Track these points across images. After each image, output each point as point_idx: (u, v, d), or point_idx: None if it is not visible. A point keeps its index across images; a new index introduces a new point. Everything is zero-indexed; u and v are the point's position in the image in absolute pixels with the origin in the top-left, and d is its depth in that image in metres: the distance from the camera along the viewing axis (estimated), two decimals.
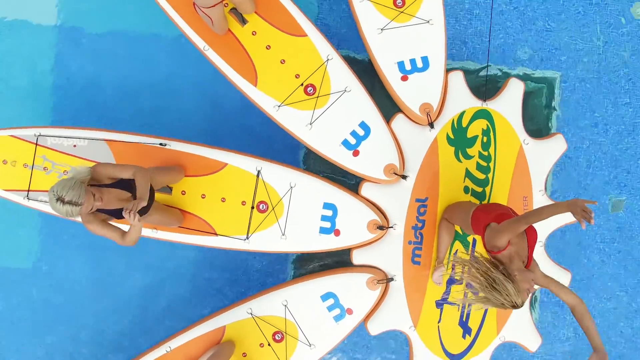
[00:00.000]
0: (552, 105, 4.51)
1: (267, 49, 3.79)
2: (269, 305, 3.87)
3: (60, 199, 2.53)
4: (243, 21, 3.78)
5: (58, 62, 4.57)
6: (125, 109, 4.56)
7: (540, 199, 3.90)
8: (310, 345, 3.86)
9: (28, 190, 3.75)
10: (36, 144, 3.74)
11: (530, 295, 2.86)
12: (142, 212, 3.16)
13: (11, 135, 3.76)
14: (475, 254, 2.98)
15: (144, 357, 3.84)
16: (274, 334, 3.86)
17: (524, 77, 4.45)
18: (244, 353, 3.87)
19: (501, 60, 4.52)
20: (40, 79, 4.56)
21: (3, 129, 3.79)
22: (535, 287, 3.08)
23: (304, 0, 4.45)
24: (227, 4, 3.70)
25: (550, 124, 4.49)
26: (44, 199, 3.71)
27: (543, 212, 2.60)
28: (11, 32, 4.56)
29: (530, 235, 2.96)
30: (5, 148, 3.76)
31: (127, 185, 3.01)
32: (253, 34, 3.80)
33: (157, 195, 3.66)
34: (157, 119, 4.53)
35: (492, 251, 2.80)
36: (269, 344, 3.87)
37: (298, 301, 3.86)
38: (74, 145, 3.73)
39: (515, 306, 2.54)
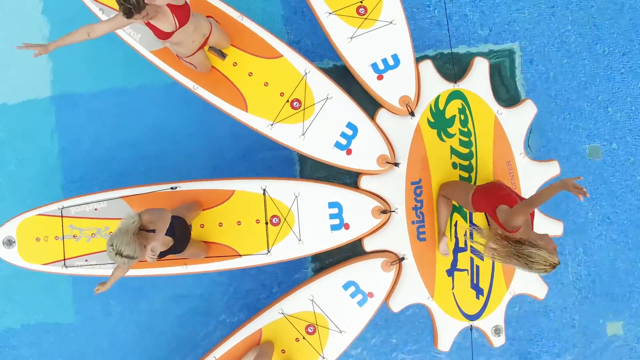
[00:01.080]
0: (517, 73, 4.87)
1: (250, 75, 4.12)
2: (297, 303, 4.23)
3: (119, 253, 2.84)
4: (223, 56, 4.10)
5: (60, 129, 4.88)
6: (129, 159, 4.87)
7: (522, 161, 4.29)
8: (341, 331, 4.22)
9: (64, 259, 4.08)
10: (62, 216, 4.07)
11: None
12: (180, 249, 3.49)
13: (38, 214, 4.10)
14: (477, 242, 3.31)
15: None
16: (306, 328, 4.22)
17: (487, 53, 4.83)
18: (282, 350, 4.23)
19: (462, 42, 4.87)
20: (46, 149, 4.87)
21: (29, 210, 4.12)
22: None
23: (272, 23, 4.80)
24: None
25: (518, 92, 4.83)
26: (79, 264, 4.07)
27: (543, 196, 2.88)
28: (12, 114, 4.87)
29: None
30: (35, 227, 4.09)
31: (170, 230, 3.31)
32: (234, 65, 4.12)
33: None
34: (161, 163, 4.85)
35: (512, 230, 3.08)
36: (303, 338, 4.23)
37: (322, 294, 4.22)
38: (95, 209, 4.07)
39: (556, 266, 2.80)
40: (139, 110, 4.86)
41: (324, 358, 4.23)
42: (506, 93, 4.80)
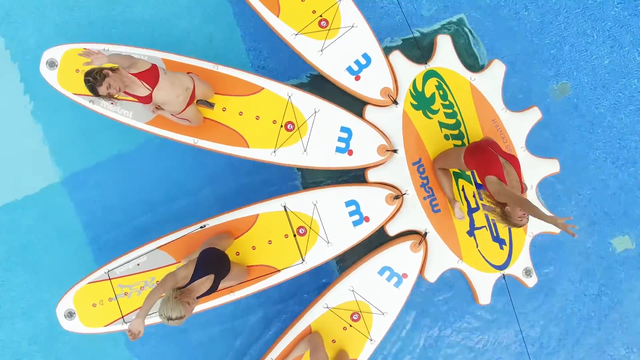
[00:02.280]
0: (472, 39, 5.21)
1: (240, 115, 4.48)
2: (339, 295, 4.56)
3: (169, 319, 3.20)
4: (210, 105, 4.46)
5: (77, 207, 5.18)
6: (146, 214, 5.17)
7: (505, 116, 4.65)
8: (383, 313, 4.55)
9: (122, 317, 4.42)
10: (110, 279, 4.42)
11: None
12: (223, 275, 3.81)
13: (88, 283, 4.44)
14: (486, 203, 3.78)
15: None
16: (351, 316, 4.56)
17: (441, 29, 5.18)
18: (333, 340, 4.56)
19: (418, 24, 5.23)
20: (70, 228, 5.16)
21: (79, 281, 4.46)
22: None
23: (239, 60, 5.17)
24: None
25: (483, 55, 5.18)
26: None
27: (534, 210, 3.41)
28: (30, 206, 5.18)
29: (515, 164, 3.76)
30: (89, 295, 4.44)
31: (207, 267, 3.63)
32: (224, 110, 4.49)
33: None
34: (175, 210, 5.15)
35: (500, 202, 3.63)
36: (350, 325, 4.57)
37: (361, 283, 4.57)
38: (138, 264, 4.42)
39: (517, 225, 3.55)
40: (141, 169, 5.17)
41: (372, 340, 4.56)
42: (472, 59, 5.15)
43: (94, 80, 3.35)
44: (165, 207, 5.16)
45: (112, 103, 3.66)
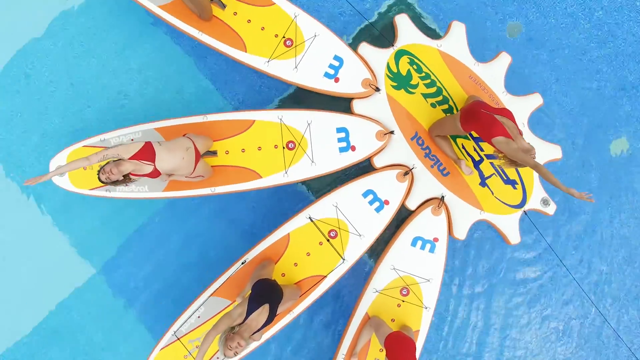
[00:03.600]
0: (419, 10, 5.52)
1: (249, 22, 4.80)
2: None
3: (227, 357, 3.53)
4: (223, 6, 4.76)
5: (118, 292, 5.44)
6: (187, 273, 5.46)
7: (479, 69, 4.93)
8: (428, 280, 4.86)
9: None
10: (178, 339, 4.71)
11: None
12: (278, 300, 4.09)
13: (160, 350, 4.72)
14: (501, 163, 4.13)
15: None
16: (400, 292, 4.88)
17: (390, 10, 5.47)
18: (392, 319, 4.87)
19: (370, 11, 5.49)
20: (119, 313, 5.44)
21: (151, 352, 4.73)
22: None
23: (210, 101, 5.43)
24: None
25: (438, 21, 5.47)
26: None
27: (549, 178, 3.81)
28: (76, 306, 5.45)
29: (509, 115, 4.09)
30: (165, 359, 4.72)
31: (260, 299, 3.87)
32: (235, 14, 4.79)
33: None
34: (206, 261, 5.43)
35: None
36: (402, 301, 4.89)
37: (401, 259, 4.87)
38: (198, 317, 4.71)
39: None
40: (164, 234, 5.43)
41: (426, 308, 4.89)
42: (429, 30, 5.43)
43: (100, 174, 3.68)
44: (200, 261, 5.45)
45: (126, 185, 3.91)
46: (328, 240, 4.77)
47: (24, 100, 5.41)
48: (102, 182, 3.70)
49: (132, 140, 4.63)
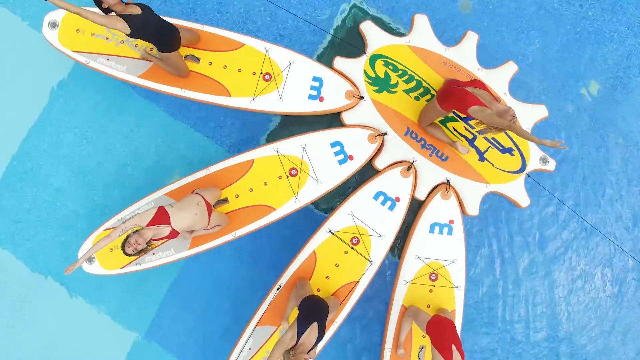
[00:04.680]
0: (375, 12, 5.79)
1: (225, 68, 5.03)
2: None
3: None
4: (197, 59, 5.01)
5: (168, 347, 5.77)
6: (227, 316, 5.78)
7: (450, 54, 5.14)
8: (453, 261, 5.10)
9: None
10: None
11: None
12: (324, 315, 4.33)
13: None
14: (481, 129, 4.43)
15: None
16: (429, 277, 5.12)
17: (347, 19, 5.75)
18: (427, 305, 5.12)
19: (328, 24, 5.79)
20: None
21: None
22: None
23: (216, 153, 5.72)
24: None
25: (395, 19, 5.72)
26: None
27: (522, 133, 4.14)
28: None
29: (479, 85, 4.34)
30: None
31: (310, 318, 4.12)
32: (210, 64, 5.04)
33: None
34: (240, 304, 5.74)
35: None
36: (433, 286, 5.14)
37: (420, 247, 5.11)
38: (249, 348, 4.99)
39: (511, 127, 4.16)
40: (194, 286, 5.76)
41: (457, 287, 5.13)
42: (392, 29, 5.68)
43: (123, 247, 3.91)
44: (235, 300, 5.76)
45: (153, 254, 4.15)
46: (352, 248, 5.03)
47: (32, 195, 5.71)
48: (130, 254, 3.93)
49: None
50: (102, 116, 5.76)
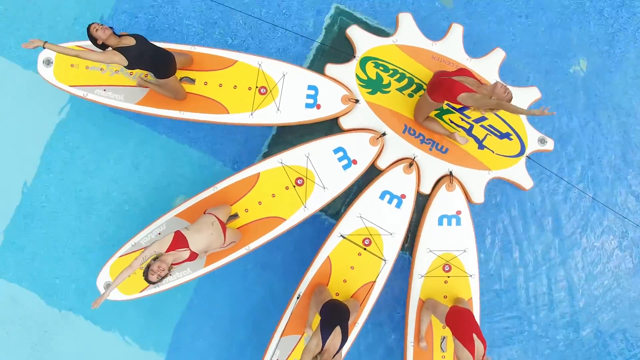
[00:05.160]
0: (360, 15, 5.92)
1: (220, 86, 5.13)
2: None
3: None
4: (192, 81, 5.11)
5: None
6: (249, 329, 5.85)
7: (438, 47, 5.25)
8: (464, 250, 5.18)
9: None
10: None
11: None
12: (346, 318, 4.41)
13: None
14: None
15: None
16: (443, 268, 5.19)
17: (333, 23, 5.85)
18: (444, 296, 5.18)
19: (315, 33, 5.90)
20: None
21: None
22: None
23: (220, 171, 5.79)
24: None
25: (380, 20, 5.87)
26: None
27: (511, 108, 4.22)
28: None
29: (465, 73, 4.46)
30: None
31: (329, 332, 4.18)
32: (205, 84, 5.14)
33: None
34: (266, 309, 5.83)
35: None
36: (447, 277, 5.21)
37: (432, 241, 5.19)
38: (277, 359, 5.07)
39: (509, 103, 4.26)
40: (211, 303, 5.86)
41: (471, 276, 5.20)
42: (379, 31, 5.79)
43: (147, 276, 3.96)
44: (253, 312, 5.85)
45: (170, 274, 4.21)
46: (365, 249, 5.11)
47: (45, 231, 5.82)
48: (154, 282, 3.99)
49: (159, 233, 4.98)
50: (104, 147, 5.86)
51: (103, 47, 4.26)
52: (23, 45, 4.05)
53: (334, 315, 4.32)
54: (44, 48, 4.16)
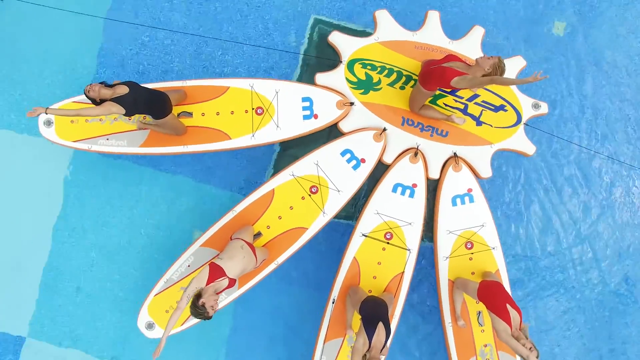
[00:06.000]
0: (337, 21, 6.13)
1: (218, 114, 5.28)
2: (446, 244, 5.33)
3: None
4: (190, 114, 5.25)
5: None
6: (285, 343, 5.98)
7: (418, 37, 5.39)
8: (482, 225, 5.32)
9: None
10: None
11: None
12: (386, 314, 4.53)
13: None
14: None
15: None
16: (465, 245, 5.32)
17: (314, 32, 6.03)
18: (472, 272, 5.32)
19: (298, 47, 6.07)
20: None
21: None
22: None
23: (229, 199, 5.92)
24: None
25: (362, 22, 6.06)
26: None
27: (504, 81, 4.40)
28: None
29: (452, 58, 4.60)
30: None
31: (373, 330, 4.28)
32: (203, 115, 5.29)
33: None
34: (301, 322, 5.96)
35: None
36: (472, 254, 5.34)
37: (450, 221, 5.33)
38: None
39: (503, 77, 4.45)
40: (252, 325, 5.95)
41: (494, 248, 5.34)
42: (358, 31, 5.99)
43: (202, 314, 3.96)
44: (292, 325, 5.97)
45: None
46: (388, 243, 5.23)
47: (75, 288, 5.93)
48: (211, 316, 3.98)
49: (188, 266, 5.10)
50: (115, 195, 5.99)
51: (102, 101, 4.40)
52: (28, 114, 4.19)
53: (375, 311, 4.42)
54: (47, 114, 4.30)
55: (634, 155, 6.21)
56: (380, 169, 5.38)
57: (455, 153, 5.36)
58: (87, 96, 4.34)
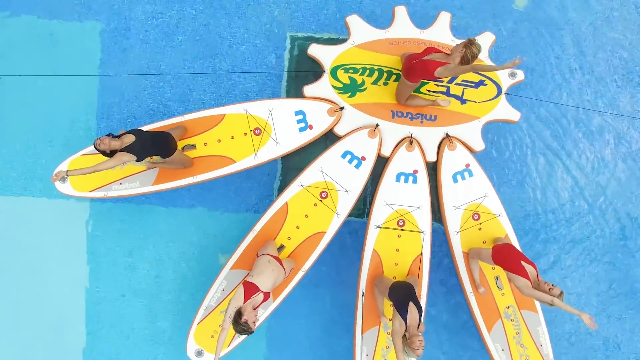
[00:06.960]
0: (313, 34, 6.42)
1: (219, 142, 5.58)
2: (454, 217, 5.65)
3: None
4: (193, 146, 5.57)
5: None
6: (324, 345, 6.29)
7: (391, 34, 5.69)
8: (485, 196, 5.63)
9: None
10: None
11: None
12: (414, 293, 4.84)
13: None
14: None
15: None
16: (472, 217, 5.63)
17: (295, 46, 6.35)
18: (483, 241, 5.63)
19: (279, 65, 6.37)
20: None
21: None
22: None
23: (246, 222, 6.15)
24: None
25: (335, 30, 6.39)
26: None
27: (484, 68, 4.98)
28: None
29: (431, 50, 4.90)
30: None
31: (405, 310, 4.67)
32: (205, 145, 5.59)
33: None
34: (336, 320, 6.27)
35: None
36: (480, 224, 5.66)
37: (455, 197, 5.64)
38: (366, 355, 5.45)
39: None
40: (288, 335, 6.26)
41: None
42: (334, 39, 6.33)
43: (246, 330, 4.20)
44: (328, 325, 6.28)
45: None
46: (402, 229, 5.55)
47: (118, 330, 6.27)
48: (253, 331, 4.23)
49: (223, 290, 5.42)
50: (136, 238, 6.27)
51: (112, 152, 4.71)
52: (52, 179, 4.52)
53: (403, 294, 4.72)
54: (68, 176, 4.61)
55: (611, 102, 6.55)
56: (381, 163, 5.69)
57: (447, 134, 5.67)
58: (97, 149, 4.62)
